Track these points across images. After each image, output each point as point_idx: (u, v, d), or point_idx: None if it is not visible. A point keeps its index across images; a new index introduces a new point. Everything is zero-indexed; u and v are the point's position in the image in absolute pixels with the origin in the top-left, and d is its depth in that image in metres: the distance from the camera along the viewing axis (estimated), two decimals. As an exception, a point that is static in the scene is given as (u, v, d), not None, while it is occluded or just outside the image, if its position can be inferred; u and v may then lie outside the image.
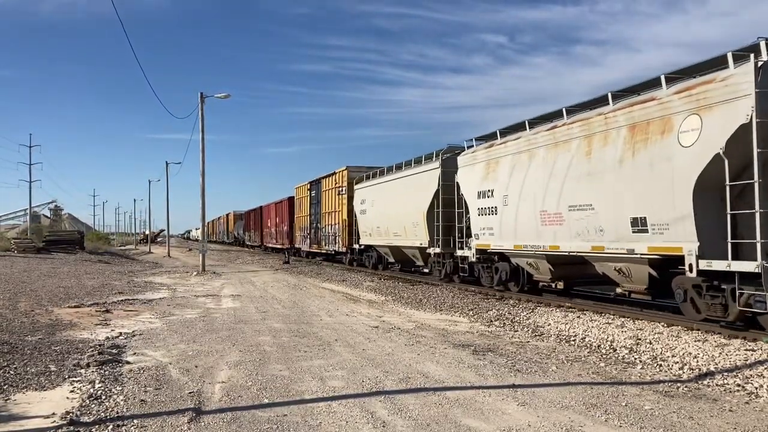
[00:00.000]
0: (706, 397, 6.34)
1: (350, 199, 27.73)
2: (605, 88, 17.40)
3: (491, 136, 16.28)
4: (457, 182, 17.29)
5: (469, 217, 16.81)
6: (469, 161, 16.87)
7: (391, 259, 24.38)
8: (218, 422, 5.51)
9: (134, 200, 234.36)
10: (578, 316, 11.54)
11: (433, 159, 19.64)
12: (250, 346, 9.10)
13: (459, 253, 17.62)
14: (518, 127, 14.93)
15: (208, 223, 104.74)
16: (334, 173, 30.40)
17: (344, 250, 29.20)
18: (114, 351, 8.68)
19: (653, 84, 10.92)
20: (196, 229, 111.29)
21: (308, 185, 36.40)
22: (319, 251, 34.67)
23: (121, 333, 10.36)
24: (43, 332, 10.28)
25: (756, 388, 6.59)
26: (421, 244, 20.06)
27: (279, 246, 45.84)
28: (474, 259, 16.59)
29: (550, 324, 11.09)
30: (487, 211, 15.54)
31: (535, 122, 14.31)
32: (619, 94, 11.76)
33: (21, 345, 9.01)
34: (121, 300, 15.55)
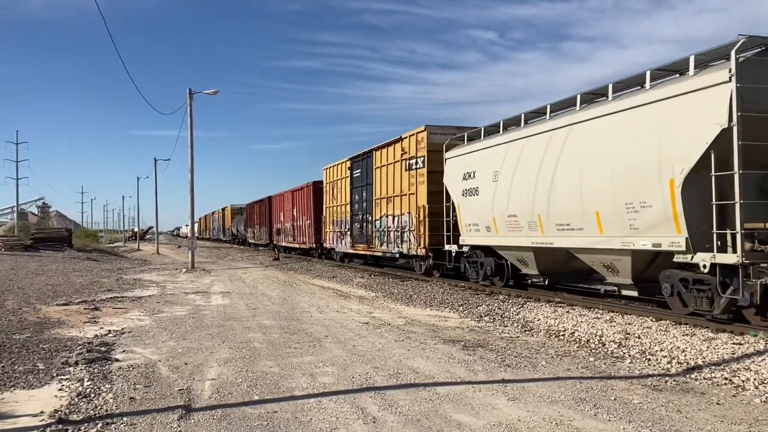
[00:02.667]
0: (694, 391, 6.39)
1: (432, 175, 18.38)
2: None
3: None
4: None
5: None
6: None
7: (531, 270, 14.50)
8: (208, 419, 5.50)
9: (123, 197, 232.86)
10: (567, 311, 11.60)
11: (689, 70, 9.89)
12: (239, 343, 9.08)
13: None
14: None
15: (200, 219, 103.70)
16: (400, 139, 20.56)
17: (421, 252, 19.09)
18: (103, 349, 8.64)
19: None
20: (186, 225, 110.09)
21: (348, 162, 26.33)
22: (370, 253, 24.69)
23: (110, 331, 10.31)
24: (31, 330, 10.21)
25: (743, 382, 6.65)
26: (653, 244, 10.25)
27: (298, 246, 36.20)
28: None
29: (539, 319, 11.14)
30: None
31: None
32: None
33: (8, 343, 8.95)
34: (110, 297, 15.47)
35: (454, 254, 17.57)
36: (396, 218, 20.92)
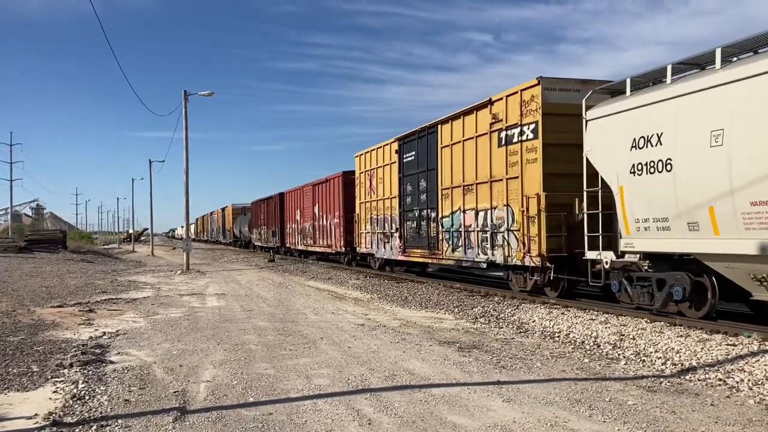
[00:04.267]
0: (689, 392, 6.41)
1: (552, 149, 12.86)
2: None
3: None
4: None
5: None
6: None
7: None
8: (203, 421, 5.49)
9: (117, 199, 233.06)
10: (562, 313, 11.62)
11: None
12: (235, 345, 9.07)
13: None
14: None
15: (197, 219, 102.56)
16: (489, 103, 14.67)
17: (532, 262, 13.26)
18: (97, 351, 8.62)
19: None
20: (182, 227, 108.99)
21: (395, 144, 20.37)
22: (433, 261, 18.49)
23: (104, 332, 10.28)
24: (25, 332, 10.18)
25: (737, 383, 6.67)
26: None
27: (320, 249, 30.72)
28: None
29: (534, 320, 11.15)
30: None
31: None
32: None
33: (2, 345, 8.92)
34: (105, 299, 15.42)
35: (608, 265, 11.41)
36: (482, 214, 15.12)
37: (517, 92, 13.71)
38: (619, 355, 8.31)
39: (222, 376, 7.13)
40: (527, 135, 13.37)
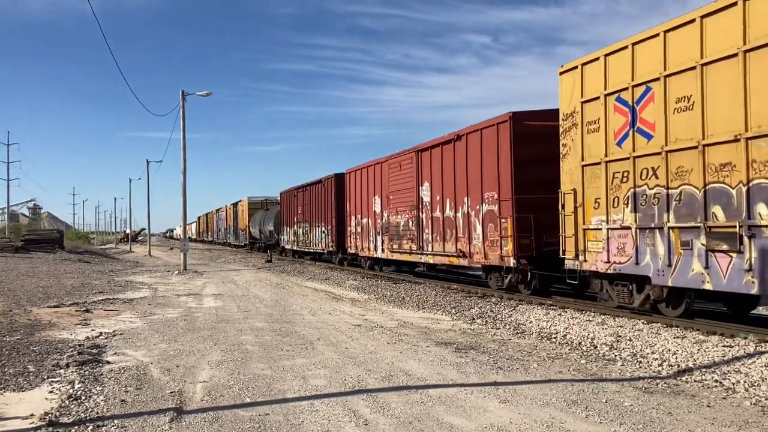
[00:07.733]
0: (685, 393, 6.42)
1: None
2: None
3: None
4: None
5: None
6: None
7: None
8: (200, 422, 5.48)
9: (115, 199, 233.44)
10: (559, 314, 11.63)
11: None
12: (231, 346, 9.06)
13: None
14: None
15: (199, 218, 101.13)
16: None
17: None
18: (94, 351, 8.60)
19: None
20: (180, 227, 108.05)
21: None
22: None
23: (101, 333, 10.27)
24: (21, 332, 10.16)
25: (733, 384, 6.69)
26: None
27: (435, 260, 18.21)
28: None
29: (531, 321, 11.16)
30: None
31: None
32: None
33: (-1, 345, 8.89)
34: (102, 299, 15.40)
35: None
36: None
37: None
38: (615, 356, 8.32)
39: (219, 377, 7.13)
40: None
